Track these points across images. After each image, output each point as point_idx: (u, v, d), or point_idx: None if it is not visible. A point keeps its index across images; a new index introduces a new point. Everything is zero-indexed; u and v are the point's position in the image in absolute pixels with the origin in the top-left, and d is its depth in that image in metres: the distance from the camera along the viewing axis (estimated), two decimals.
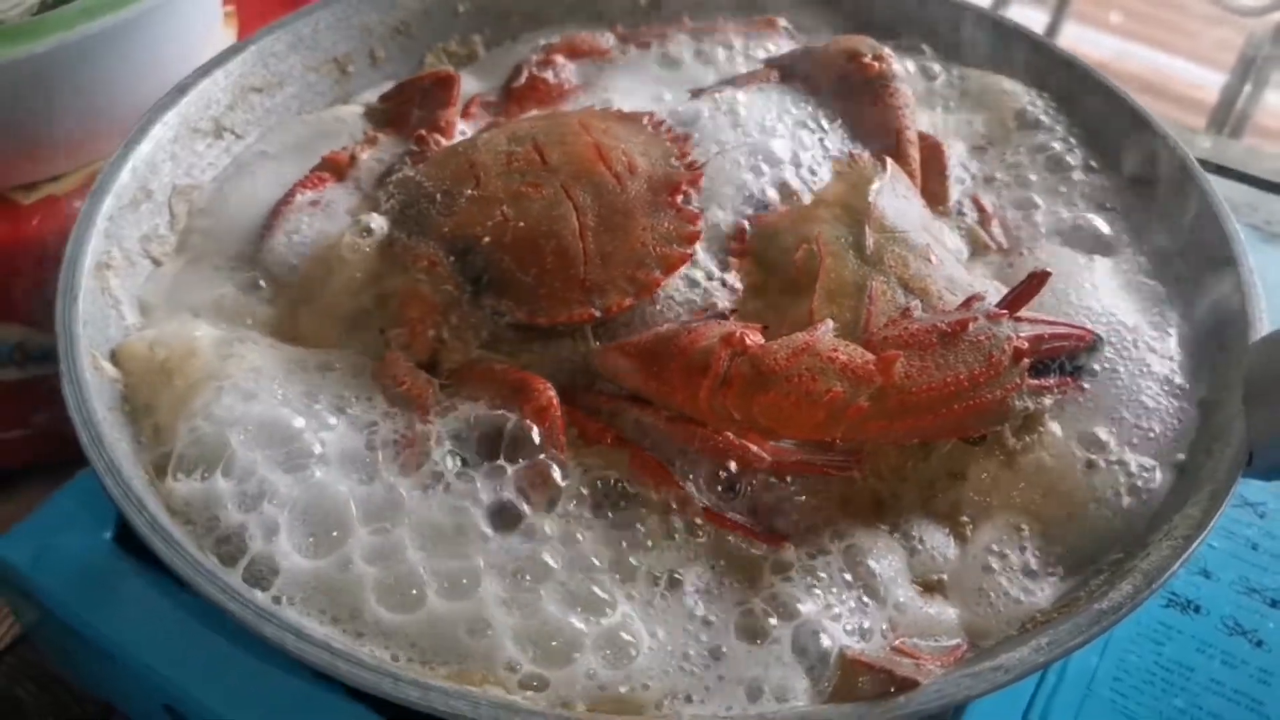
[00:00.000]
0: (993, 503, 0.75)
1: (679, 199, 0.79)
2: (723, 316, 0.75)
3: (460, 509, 0.69)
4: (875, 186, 0.83)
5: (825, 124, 0.90)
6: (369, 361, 0.78)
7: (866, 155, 0.88)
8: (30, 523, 0.89)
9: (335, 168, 0.92)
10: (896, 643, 0.67)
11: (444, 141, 0.92)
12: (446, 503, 0.69)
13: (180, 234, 0.89)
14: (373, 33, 1.06)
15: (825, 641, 0.65)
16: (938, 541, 0.73)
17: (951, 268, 0.81)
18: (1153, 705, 0.86)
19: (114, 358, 0.77)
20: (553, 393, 0.71)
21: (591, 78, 1.02)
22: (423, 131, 0.92)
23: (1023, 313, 0.75)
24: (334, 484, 0.70)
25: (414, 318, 0.77)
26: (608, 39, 1.05)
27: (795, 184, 0.85)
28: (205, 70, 0.94)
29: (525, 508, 0.69)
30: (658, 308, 0.77)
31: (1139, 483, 0.75)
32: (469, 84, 1.06)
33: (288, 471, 0.70)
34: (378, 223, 0.81)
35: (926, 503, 0.75)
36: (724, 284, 0.78)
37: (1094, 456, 0.76)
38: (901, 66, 0.92)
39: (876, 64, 0.91)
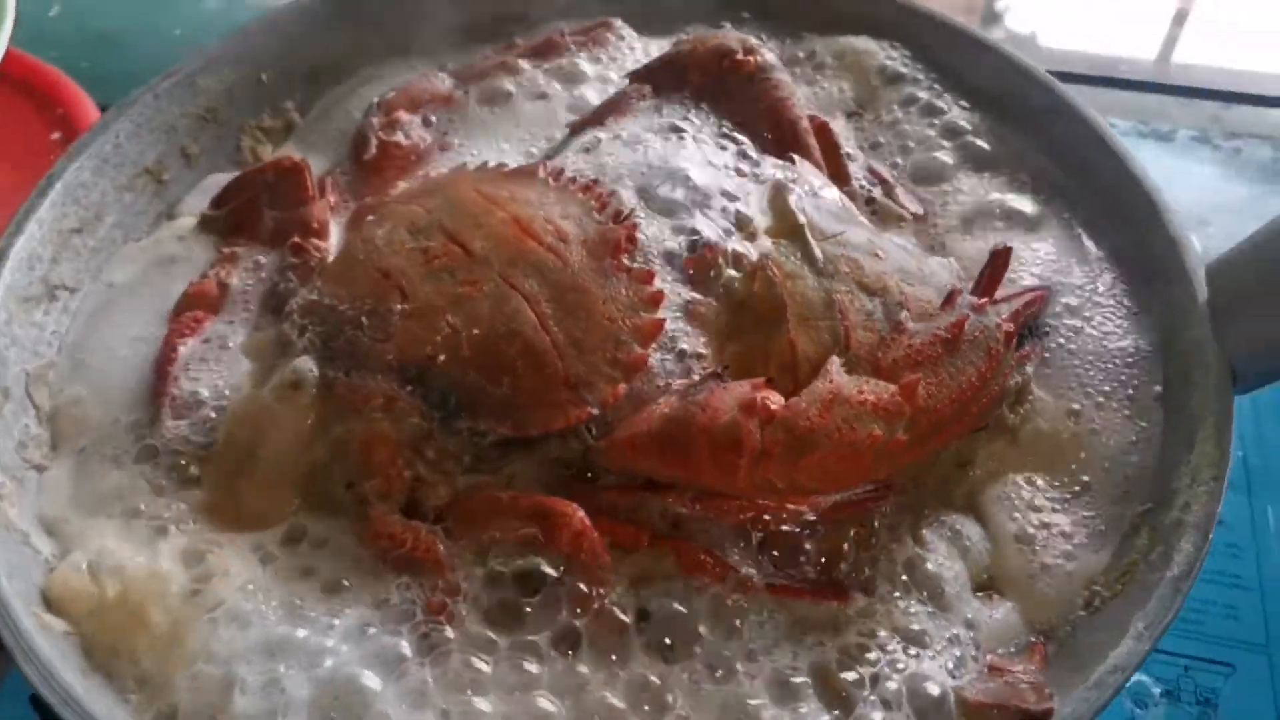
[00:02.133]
0: (1006, 481, 0.75)
1: (624, 259, 0.74)
2: (716, 376, 0.71)
3: (516, 668, 0.63)
4: (795, 192, 0.81)
5: (719, 131, 0.86)
6: (345, 523, 0.70)
7: (769, 161, 0.85)
8: None
9: (205, 302, 0.81)
10: (989, 660, 0.66)
11: (323, 245, 0.83)
12: (501, 673, 0.63)
13: (52, 427, 0.77)
14: (178, 129, 0.94)
15: (933, 688, 0.64)
16: (972, 534, 0.73)
17: (897, 255, 0.80)
18: None
19: (47, 602, 0.66)
20: (582, 513, 0.65)
21: (446, 129, 0.93)
22: (296, 239, 0.82)
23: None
24: (365, 681, 0.62)
25: (383, 462, 0.69)
26: (444, 81, 0.97)
27: (716, 206, 0.81)
28: (17, 227, 0.81)
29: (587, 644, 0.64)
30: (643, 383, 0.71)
31: (1131, 423, 0.76)
32: (292, 153, 0.96)
33: (307, 684, 0.62)
34: (305, 366, 0.72)
35: (945, 500, 0.74)
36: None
37: (1080, 409, 0.77)
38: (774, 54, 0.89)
39: (751, 58, 0.88)
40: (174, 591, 0.64)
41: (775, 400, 0.65)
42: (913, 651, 0.65)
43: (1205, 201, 1.25)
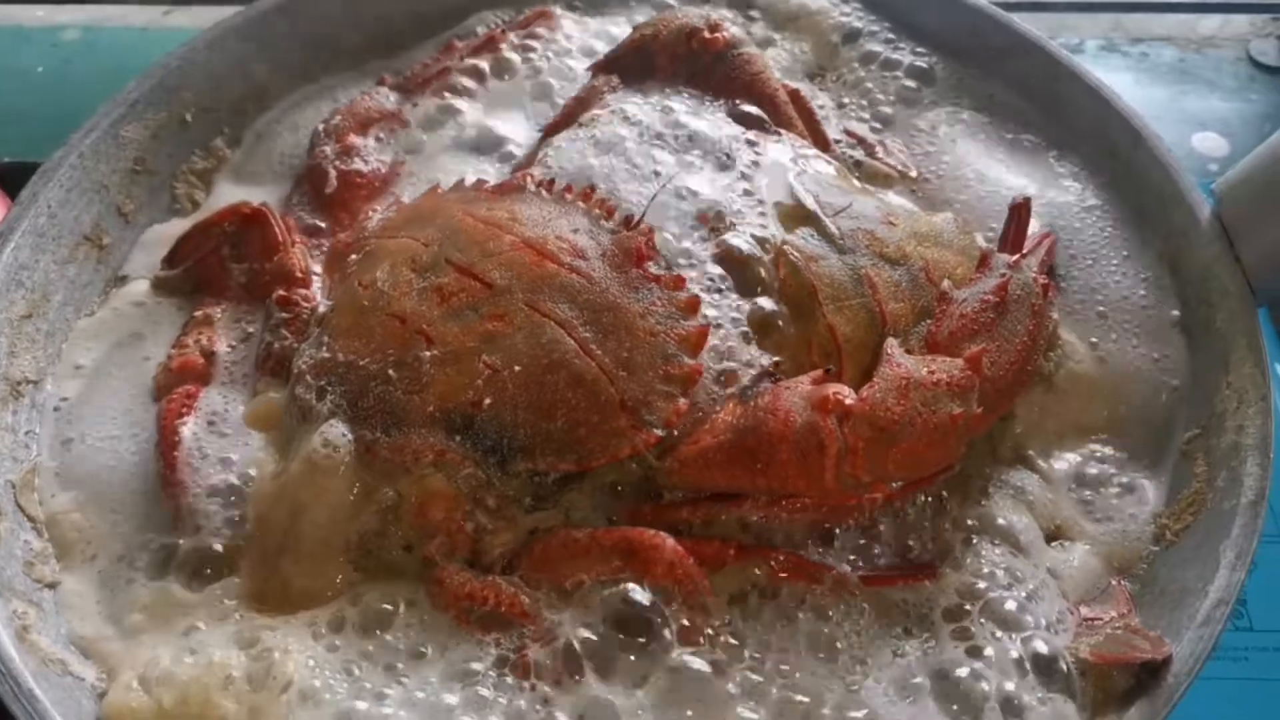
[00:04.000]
0: (1050, 428, 0.75)
1: (649, 266, 0.71)
2: (768, 374, 0.69)
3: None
4: (792, 170, 0.79)
5: (702, 113, 0.83)
6: (405, 587, 0.66)
7: (760, 140, 0.82)
8: None
9: (194, 374, 0.76)
10: (1084, 612, 0.67)
11: (309, 294, 0.77)
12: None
13: (52, 537, 0.70)
14: (109, 187, 0.86)
15: (1042, 647, 0.63)
16: (1030, 485, 0.73)
17: (907, 220, 0.79)
18: None
19: None
20: (673, 541, 0.63)
21: (404, 149, 0.88)
22: (281, 292, 0.77)
23: None
24: None
25: (443, 519, 0.66)
26: (388, 97, 0.91)
27: (716, 193, 0.78)
28: None
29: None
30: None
31: (1158, 351, 0.78)
32: (233, 193, 0.90)
33: None
34: (336, 431, 0.67)
35: (994, 456, 0.74)
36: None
37: (1105, 345, 0.78)
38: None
39: (720, 34, 0.85)
40: (238, 676, 0.60)
41: (847, 394, 0.64)
42: (1010, 612, 0.65)
43: None
